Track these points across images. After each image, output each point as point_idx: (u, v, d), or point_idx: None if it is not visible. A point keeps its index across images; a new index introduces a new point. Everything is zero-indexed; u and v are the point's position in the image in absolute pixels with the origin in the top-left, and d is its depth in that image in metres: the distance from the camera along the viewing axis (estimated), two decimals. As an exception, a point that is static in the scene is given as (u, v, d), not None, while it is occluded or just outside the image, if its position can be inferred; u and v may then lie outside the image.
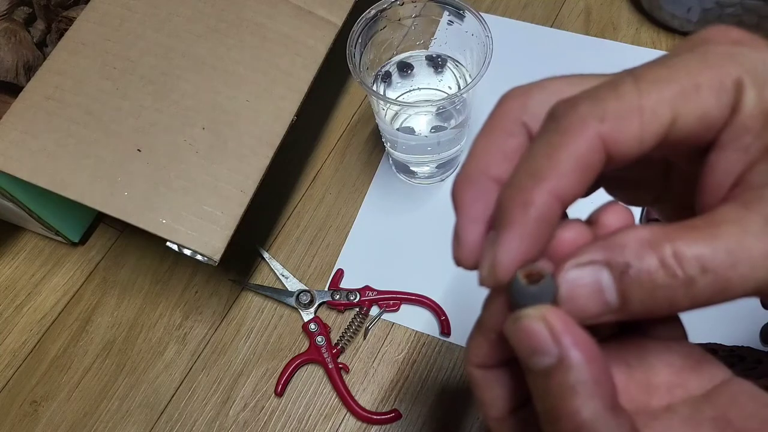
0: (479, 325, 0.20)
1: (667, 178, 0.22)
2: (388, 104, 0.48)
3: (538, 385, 0.17)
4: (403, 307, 0.50)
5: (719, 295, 0.16)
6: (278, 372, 0.48)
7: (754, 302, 0.52)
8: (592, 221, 0.19)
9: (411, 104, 0.48)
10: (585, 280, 0.16)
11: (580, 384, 0.16)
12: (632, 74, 0.17)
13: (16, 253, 0.54)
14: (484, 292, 0.52)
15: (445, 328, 0.49)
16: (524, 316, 0.17)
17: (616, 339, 0.20)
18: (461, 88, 0.49)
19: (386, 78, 0.51)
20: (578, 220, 0.18)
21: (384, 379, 0.48)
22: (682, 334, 0.20)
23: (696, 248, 0.15)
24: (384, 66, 0.50)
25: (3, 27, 0.49)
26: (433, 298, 0.50)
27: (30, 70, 0.49)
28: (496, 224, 0.18)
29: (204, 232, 0.42)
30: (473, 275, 0.53)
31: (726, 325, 0.47)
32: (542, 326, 0.16)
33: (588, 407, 0.16)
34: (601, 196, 0.26)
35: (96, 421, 0.47)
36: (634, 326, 0.20)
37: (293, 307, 0.50)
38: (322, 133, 0.59)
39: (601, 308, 0.16)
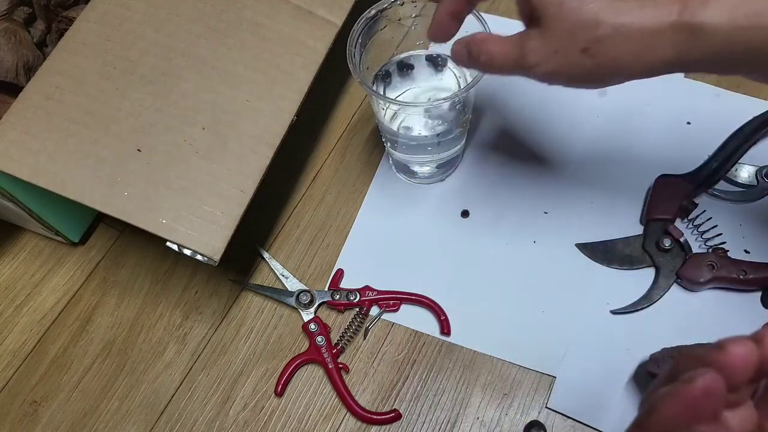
0: None
1: None
2: (388, 104, 0.48)
3: None
4: (403, 307, 0.50)
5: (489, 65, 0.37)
6: (278, 372, 0.48)
7: (754, 302, 0.52)
8: (757, 339, 0.24)
9: (411, 104, 0.48)
10: (458, 47, 0.37)
11: None
12: None
13: (16, 253, 0.54)
14: (484, 292, 0.52)
15: (445, 328, 0.49)
16: None
17: None
18: (461, 88, 0.49)
19: (386, 78, 0.51)
20: (747, 338, 0.24)
21: (384, 379, 0.48)
22: None
23: (492, 47, 0.36)
24: (384, 66, 0.50)
25: (3, 27, 0.49)
26: (433, 298, 0.50)
27: (30, 70, 0.49)
28: None
29: (204, 232, 0.42)
30: (473, 275, 0.53)
31: (726, 326, 0.48)
32: None
33: None
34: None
35: (96, 421, 0.47)
36: None
37: (293, 307, 0.50)
38: (322, 133, 0.59)
39: (463, 58, 0.37)
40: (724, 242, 0.50)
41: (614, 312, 0.49)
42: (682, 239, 0.50)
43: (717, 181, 0.52)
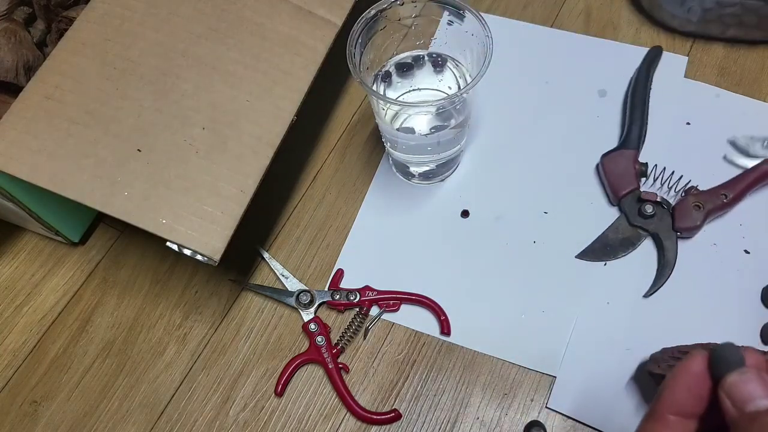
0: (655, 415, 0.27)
1: None
2: (388, 104, 0.48)
3: (752, 428, 0.24)
4: (403, 307, 0.50)
5: None
6: (278, 372, 0.48)
7: (754, 302, 0.52)
8: None
9: (411, 104, 0.48)
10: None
11: None
12: None
13: (16, 253, 0.54)
14: (484, 292, 0.53)
15: (445, 328, 0.49)
16: (745, 371, 0.25)
17: None
18: (461, 88, 0.49)
19: (386, 78, 0.51)
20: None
21: (384, 379, 0.48)
22: None
23: None
24: (384, 66, 0.50)
25: (3, 27, 0.49)
26: (433, 298, 0.50)
27: (30, 70, 0.49)
28: None
29: (204, 232, 0.42)
30: (473, 275, 0.54)
31: (726, 325, 0.48)
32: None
33: None
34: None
35: (96, 421, 0.47)
36: None
37: (293, 307, 0.50)
38: (322, 133, 0.59)
39: None
40: (689, 180, 0.52)
41: (646, 295, 0.49)
42: (659, 199, 0.51)
43: (645, 134, 0.55)
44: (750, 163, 0.53)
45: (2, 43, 0.48)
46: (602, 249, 0.51)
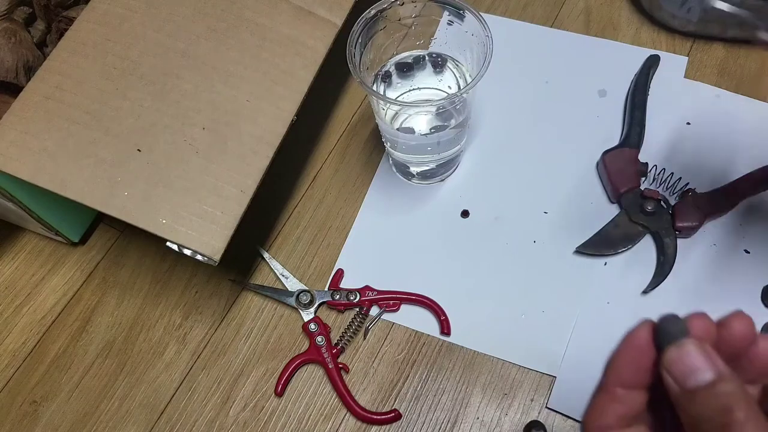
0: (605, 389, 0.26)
1: None
2: (388, 104, 0.48)
3: (694, 404, 0.22)
4: (403, 307, 0.50)
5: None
6: (278, 372, 0.48)
7: (754, 302, 0.52)
8: (721, 324, 0.26)
9: (411, 104, 0.48)
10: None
11: (737, 394, 0.21)
12: None
13: (16, 253, 0.54)
14: (484, 292, 0.52)
15: (445, 328, 0.49)
16: (684, 343, 0.24)
17: None
18: (461, 88, 0.49)
19: (386, 78, 0.51)
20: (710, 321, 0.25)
21: (384, 379, 0.48)
22: None
23: None
24: (384, 66, 0.50)
25: (3, 27, 0.49)
26: (433, 298, 0.50)
27: (30, 70, 0.49)
28: None
29: (204, 232, 0.42)
30: (473, 275, 0.54)
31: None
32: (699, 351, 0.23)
33: (749, 416, 0.20)
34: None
35: (96, 421, 0.47)
36: None
37: (293, 307, 0.50)
38: (322, 133, 0.59)
39: None
40: (687, 183, 0.52)
41: (645, 291, 0.49)
42: (659, 198, 0.51)
43: (645, 133, 0.55)
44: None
45: (2, 43, 0.48)
46: (602, 242, 0.51)
